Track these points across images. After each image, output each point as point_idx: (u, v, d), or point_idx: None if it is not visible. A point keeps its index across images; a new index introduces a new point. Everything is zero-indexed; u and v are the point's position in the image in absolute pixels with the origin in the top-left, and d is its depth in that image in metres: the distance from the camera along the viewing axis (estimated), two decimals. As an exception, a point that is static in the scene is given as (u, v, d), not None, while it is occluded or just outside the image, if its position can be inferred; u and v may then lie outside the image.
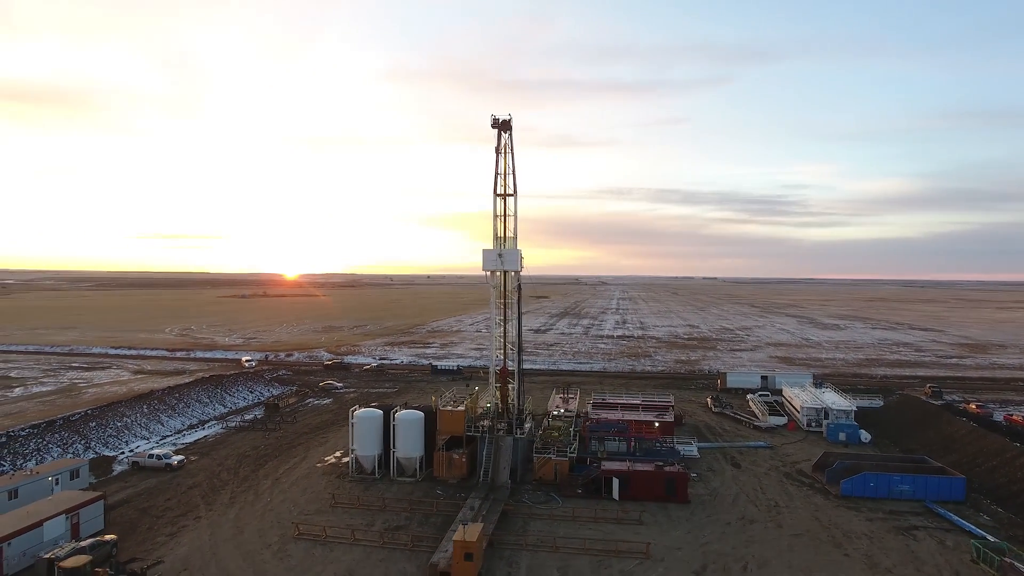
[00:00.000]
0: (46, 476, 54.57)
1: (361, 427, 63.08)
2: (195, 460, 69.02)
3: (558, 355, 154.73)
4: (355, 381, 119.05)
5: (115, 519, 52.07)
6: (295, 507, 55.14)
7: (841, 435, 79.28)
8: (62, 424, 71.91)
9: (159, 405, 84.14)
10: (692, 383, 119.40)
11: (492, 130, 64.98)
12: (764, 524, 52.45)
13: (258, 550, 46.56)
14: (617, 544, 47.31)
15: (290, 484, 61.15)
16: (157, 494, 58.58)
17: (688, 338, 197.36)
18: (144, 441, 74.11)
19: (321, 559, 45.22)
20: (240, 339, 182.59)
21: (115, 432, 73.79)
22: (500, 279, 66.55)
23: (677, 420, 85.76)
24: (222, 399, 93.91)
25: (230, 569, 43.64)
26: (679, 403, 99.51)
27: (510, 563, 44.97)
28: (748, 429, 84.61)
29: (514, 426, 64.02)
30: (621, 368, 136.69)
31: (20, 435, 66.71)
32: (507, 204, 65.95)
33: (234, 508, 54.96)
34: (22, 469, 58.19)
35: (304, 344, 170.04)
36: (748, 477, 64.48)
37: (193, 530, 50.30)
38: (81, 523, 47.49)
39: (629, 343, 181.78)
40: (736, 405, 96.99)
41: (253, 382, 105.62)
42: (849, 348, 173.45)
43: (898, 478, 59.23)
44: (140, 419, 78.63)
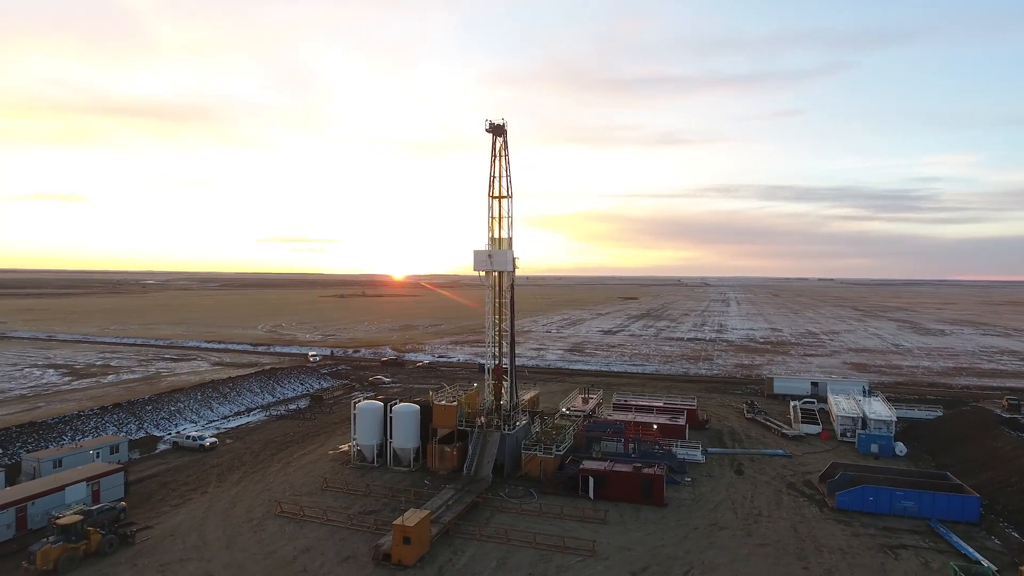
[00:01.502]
0: (88, 450, 62.92)
1: (362, 418, 67.25)
2: (229, 443, 76.26)
3: (615, 357, 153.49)
4: (405, 377, 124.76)
5: (138, 490, 59.20)
6: (290, 488, 60.00)
7: (873, 446, 74.28)
8: (124, 407, 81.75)
9: (212, 393, 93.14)
10: (740, 388, 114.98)
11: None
12: (733, 532, 51.01)
13: (239, 524, 51.48)
14: (566, 540, 48.04)
15: (296, 468, 66.36)
16: (183, 471, 65.64)
17: (763, 342, 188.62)
18: (192, 424, 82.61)
19: (289, 535, 49.35)
20: (320, 335, 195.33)
21: (167, 415, 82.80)
22: (495, 279, 68.36)
23: (701, 424, 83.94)
24: (273, 390, 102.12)
25: (208, 538, 48.72)
26: (717, 407, 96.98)
27: (456, 551, 46.96)
28: (776, 436, 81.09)
29: (502, 422, 65.72)
30: (674, 371, 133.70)
31: (85, 415, 76.74)
32: (502, 206, 67.79)
33: (239, 486, 60.68)
34: (72, 443, 67.14)
35: (374, 341, 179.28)
36: (745, 485, 62.37)
37: (195, 503, 56.24)
38: (102, 490, 54.52)
39: (695, 346, 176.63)
40: (775, 412, 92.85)
41: (307, 375, 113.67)
42: (941, 355, 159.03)
43: (901, 493, 55.26)
44: (192, 405, 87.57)
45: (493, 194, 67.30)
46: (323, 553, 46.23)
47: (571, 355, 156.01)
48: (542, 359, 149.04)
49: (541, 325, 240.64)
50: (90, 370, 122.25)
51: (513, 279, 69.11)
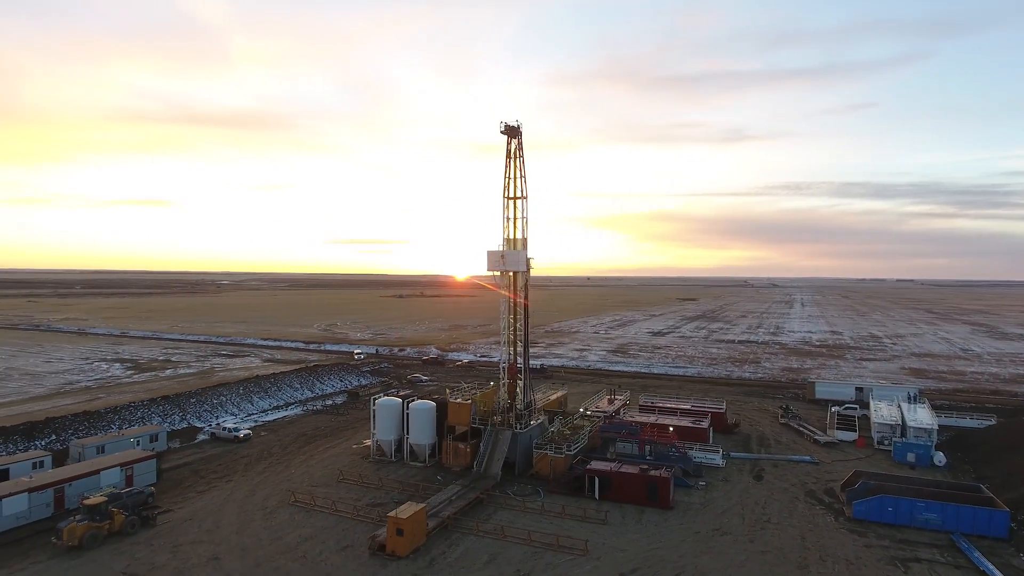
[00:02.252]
0: (129, 438, 67.56)
1: (381, 414, 69.35)
2: (263, 435, 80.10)
3: (658, 358, 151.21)
4: (443, 376, 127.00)
5: (171, 476, 63.19)
6: (308, 479, 62.62)
7: (910, 455, 70.72)
8: (171, 399, 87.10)
9: (254, 388, 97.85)
10: (782, 392, 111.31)
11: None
12: (736, 537, 49.93)
13: (254, 511, 54.25)
14: (560, 539, 48.29)
15: (319, 460, 69.10)
16: (215, 460, 69.52)
17: (819, 345, 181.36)
18: (232, 417, 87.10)
19: (298, 523, 51.64)
20: (371, 334, 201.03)
21: (210, 408, 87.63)
22: (509, 279, 69.05)
23: (729, 428, 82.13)
24: (312, 385, 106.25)
25: (222, 523, 51.62)
26: (753, 411, 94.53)
27: (452, 544, 48.01)
28: (808, 442, 78.33)
29: (514, 421, 66.37)
30: (716, 374, 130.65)
31: (134, 406, 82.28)
32: (517, 207, 68.45)
33: (262, 476, 63.80)
34: (115, 431, 72.12)
35: (421, 340, 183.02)
36: (761, 491, 60.74)
37: (219, 490, 59.58)
38: (135, 475, 58.51)
39: (745, 348, 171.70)
40: (814, 417, 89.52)
41: (347, 372, 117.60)
42: (1014, 362, 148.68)
43: (922, 504, 52.64)
44: (234, 398, 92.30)
45: (508, 195, 68.04)
46: (324, 541, 48.21)
47: (613, 356, 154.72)
48: (583, 360, 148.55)
49: (591, 326, 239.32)
50: (151, 364, 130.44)
51: (527, 279, 69.59)
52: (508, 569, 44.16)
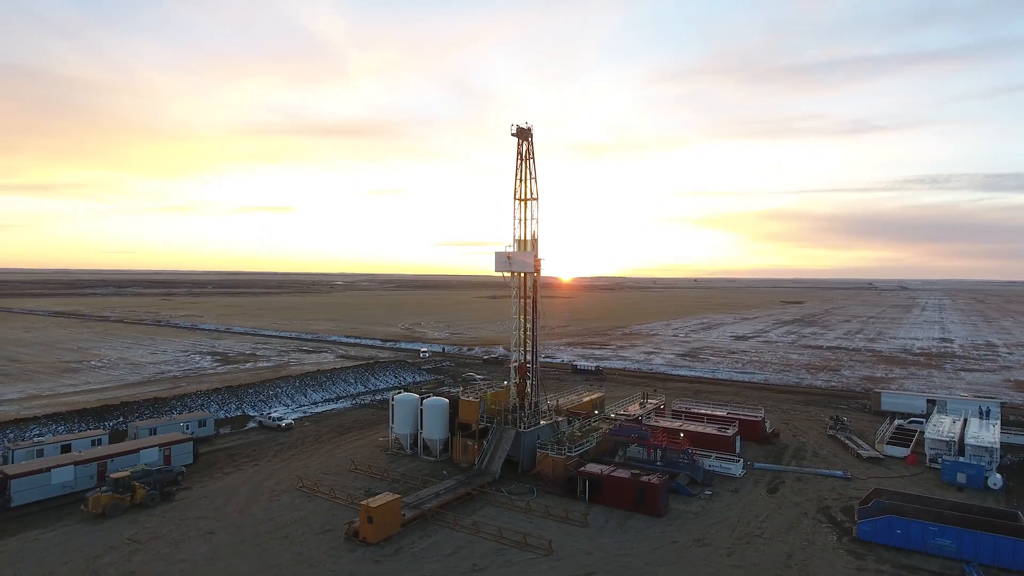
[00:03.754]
0: (179, 422, 74.99)
1: (399, 409, 72.35)
2: (306, 425, 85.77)
3: (728, 363, 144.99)
4: (500, 375, 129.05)
5: (208, 458, 69.47)
6: (324, 467, 66.68)
7: (960, 476, 64.11)
8: (233, 390, 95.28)
9: (310, 381, 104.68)
10: (847, 402, 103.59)
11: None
12: (714, 550, 47.93)
13: (262, 493, 58.72)
14: (527, 537, 48.61)
15: (344, 450, 73.17)
16: (254, 445, 75.53)
17: (919, 353, 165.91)
18: (285, 407, 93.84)
19: (295, 507, 55.34)
20: (448, 334, 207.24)
21: (265, 398, 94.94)
22: (519, 280, 69.76)
23: (765, 437, 78.26)
24: (367, 381, 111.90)
25: (230, 502, 56.37)
26: (803, 421, 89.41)
27: (425, 535, 49.66)
28: (851, 456, 72.89)
29: (519, 420, 66.97)
30: (784, 381, 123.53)
31: (197, 395, 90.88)
32: (528, 208, 69.07)
33: (286, 462, 68.66)
34: (168, 416, 79.98)
35: (494, 340, 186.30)
36: (769, 504, 57.61)
37: (243, 473, 64.89)
38: (172, 455, 65.03)
39: (830, 355, 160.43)
40: (873, 431, 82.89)
41: (403, 370, 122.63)
42: None
43: (935, 528, 47.92)
44: (289, 390, 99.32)
45: (519, 197, 68.88)
46: (310, 524, 51.48)
47: (680, 360, 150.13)
48: (647, 363, 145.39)
49: (673, 329, 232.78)
50: (237, 358, 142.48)
51: (536, 280, 69.99)
52: (466, 563, 45.20)
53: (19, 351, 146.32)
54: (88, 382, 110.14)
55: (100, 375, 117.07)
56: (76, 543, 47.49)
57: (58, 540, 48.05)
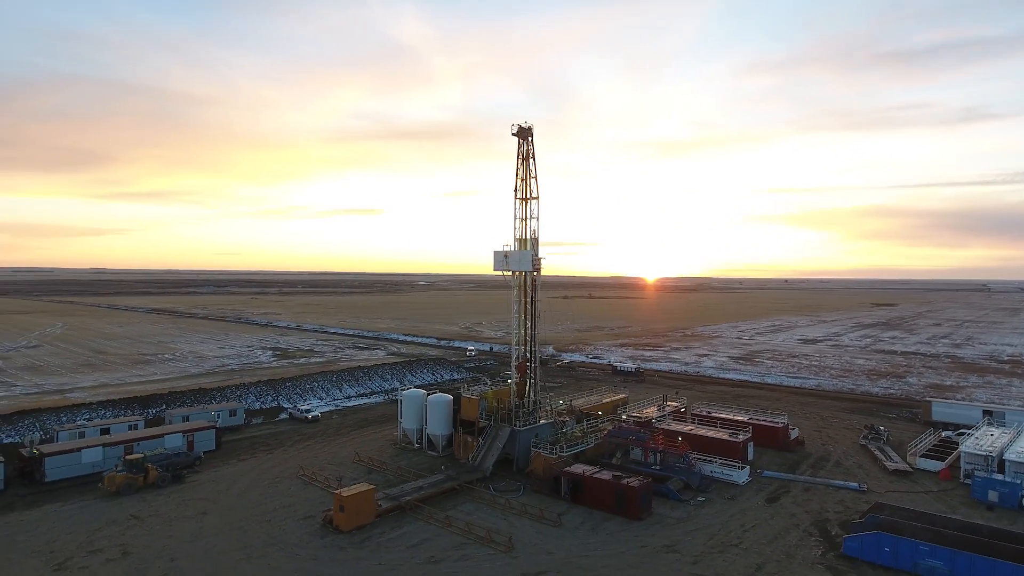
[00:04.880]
0: (210, 411, 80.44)
1: (407, 404, 74.38)
2: (334, 418, 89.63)
3: (782, 368, 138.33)
4: (541, 374, 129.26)
5: (231, 445, 74.11)
6: (330, 458, 69.60)
7: (992, 494, 58.71)
8: (272, 383, 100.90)
9: (347, 377, 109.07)
10: (900, 411, 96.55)
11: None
12: (680, 557, 46.53)
13: (264, 480, 62.12)
14: (492, 533, 49.01)
15: (358, 442, 75.99)
16: (277, 435, 79.84)
17: (1005, 361, 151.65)
18: (319, 400, 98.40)
19: (288, 493, 58.19)
20: (504, 332, 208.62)
21: (301, 392, 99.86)
22: (520, 279, 70.01)
23: (788, 445, 74.77)
24: (403, 377, 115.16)
25: (232, 487, 60.07)
26: (841, 430, 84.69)
27: (397, 526, 51.06)
28: (877, 468, 68.28)
29: (514, 418, 67.22)
30: (835, 387, 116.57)
31: (237, 386, 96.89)
32: (528, 207, 69.24)
33: (298, 452, 72.18)
34: (202, 405, 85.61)
35: (547, 340, 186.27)
36: (762, 514, 55.09)
37: (255, 460, 68.87)
38: (195, 441, 69.91)
39: (902, 361, 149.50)
40: (909, 442, 77.18)
41: (441, 367, 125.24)
42: None
43: (926, 548, 44.37)
44: (325, 384, 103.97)
45: (519, 196, 69.21)
46: (295, 511, 54.11)
47: (733, 363, 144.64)
48: (696, 365, 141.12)
49: (739, 331, 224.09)
50: (295, 353, 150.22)
51: (535, 279, 70.00)
52: (424, 555, 46.23)
53: (107, 344, 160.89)
54: (155, 373, 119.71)
55: (168, 367, 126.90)
56: (86, 517, 52.31)
57: (72, 513, 53.10)
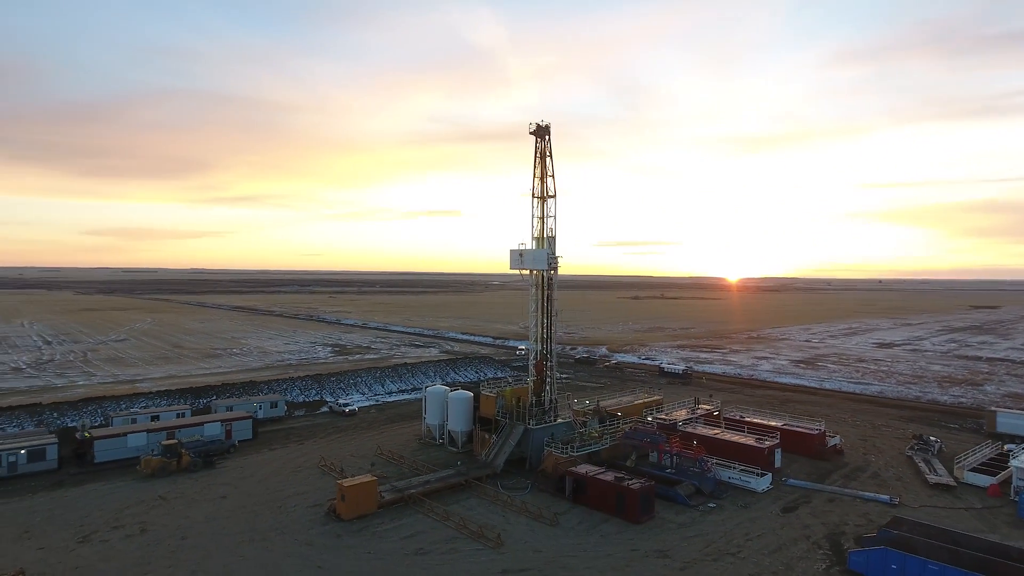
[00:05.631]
0: (252, 402, 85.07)
1: (430, 401, 75.95)
2: (371, 412, 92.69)
3: (844, 373, 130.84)
4: (583, 374, 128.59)
5: (267, 435, 78.13)
6: (354, 450, 72.05)
7: (1041, 513, 53.69)
8: (316, 377, 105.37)
9: (390, 373, 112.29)
10: (964, 421, 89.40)
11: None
12: (670, 563, 45.30)
13: (287, 469, 65.17)
14: (484, 529, 49.43)
15: (385, 437, 78.22)
16: (313, 427, 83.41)
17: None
18: (361, 395, 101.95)
19: (305, 483, 60.75)
20: (563, 333, 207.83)
21: (344, 387, 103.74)
22: (537, 278, 69.93)
23: (825, 453, 71.21)
24: (446, 374, 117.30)
25: (256, 474, 63.41)
26: (892, 439, 79.61)
27: (396, 517, 52.40)
28: (918, 481, 63.76)
29: (527, 416, 67.22)
30: (898, 394, 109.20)
31: (283, 380, 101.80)
32: (545, 206, 69.12)
33: (326, 443, 75.17)
34: (245, 397, 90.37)
35: (603, 340, 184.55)
36: (771, 523, 52.73)
37: (285, 450, 72.32)
38: (233, 430, 74.24)
39: (985, 368, 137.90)
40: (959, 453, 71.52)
41: (485, 365, 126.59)
42: None
43: (936, 568, 41.23)
44: (368, 380, 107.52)
45: (536, 194, 69.23)
46: (306, 498, 56.56)
47: (792, 367, 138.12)
48: (752, 368, 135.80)
49: (810, 333, 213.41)
50: (352, 350, 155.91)
51: (551, 278, 69.72)
52: (413, 546, 47.23)
53: (184, 339, 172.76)
54: (219, 366, 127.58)
55: (232, 361, 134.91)
56: (120, 496, 56.80)
57: (108, 492, 57.79)
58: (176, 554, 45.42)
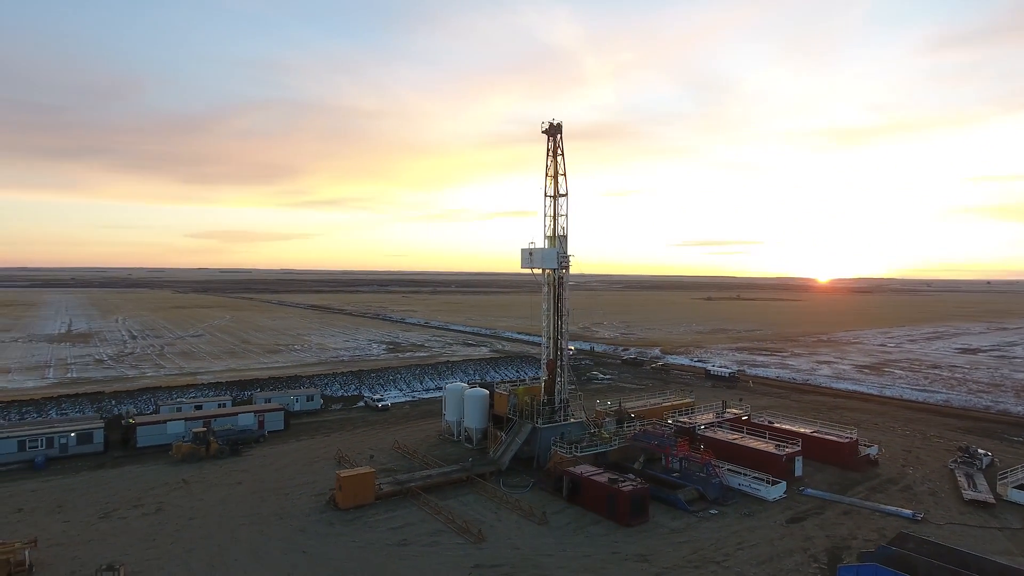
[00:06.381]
0: (289, 395, 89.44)
1: (449, 398, 77.30)
2: (405, 408, 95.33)
3: (912, 380, 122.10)
4: (628, 376, 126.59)
5: (299, 426, 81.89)
6: (374, 443, 74.35)
7: (1084, 538, 48.57)
8: (356, 373, 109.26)
9: (430, 370, 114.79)
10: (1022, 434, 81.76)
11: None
12: (649, 567, 44.34)
13: (306, 459, 68.21)
14: (469, 524, 50.04)
15: (408, 432, 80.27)
16: (344, 421, 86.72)
17: None
18: (399, 391, 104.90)
19: (321, 472, 63.40)
20: (617, 333, 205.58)
21: (383, 383, 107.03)
22: (550, 277, 69.72)
23: (858, 463, 67.37)
24: (486, 373, 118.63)
25: (276, 462, 66.75)
26: (941, 451, 73.91)
27: (392, 509, 53.88)
28: (954, 497, 59.07)
29: (535, 415, 67.13)
30: (967, 403, 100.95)
31: (323, 375, 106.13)
32: (557, 204, 68.89)
33: (351, 436, 78.02)
34: (285, 390, 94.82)
35: (659, 341, 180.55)
36: (770, 534, 50.47)
37: (310, 441, 75.64)
38: (265, 421, 78.39)
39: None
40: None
41: (527, 364, 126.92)
42: None
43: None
44: (406, 376, 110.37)
45: (548, 193, 69.13)
46: (313, 487, 59.05)
47: (853, 372, 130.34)
48: (809, 373, 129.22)
49: (887, 337, 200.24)
50: (406, 347, 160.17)
51: (562, 277, 69.29)
52: (397, 537, 48.49)
53: (253, 335, 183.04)
54: (277, 361, 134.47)
55: (290, 356, 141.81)
56: (149, 478, 61.44)
57: (141, 474, 62.60)
58: (180, 532, 48.79)
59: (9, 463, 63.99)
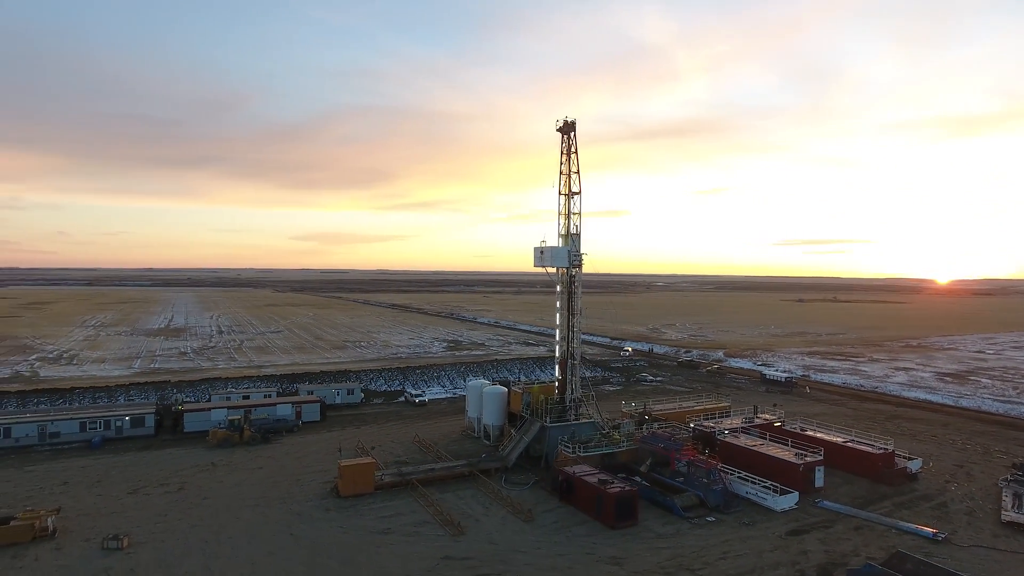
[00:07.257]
0: (332, 388, 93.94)
1: (470, 395, 78.64)
2: (441, 403, 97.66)
3: (999, 389, 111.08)
4: (680, 378, 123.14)
5: (335, 417, 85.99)
6: (397, 436, 76.85)
7: None
8: (400, 370, 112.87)
9: (475, 367, 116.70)
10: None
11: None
12: (616, 570, 43.56)
13: (328, 448, 71.31)
14: (453, 516, 50.99)
15: (433, 427, 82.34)
16: (380, 415, 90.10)
17: None
18: (441, 388, 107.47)
19: (329, 460, 66.54)
20: (685, 335, 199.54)
21: (426, 379, 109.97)
22: (563, 276, 69.36)
23: (887, 476, 62.80)
24: (531, 372, 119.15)
25: (299, 451, 70.49)
26: (1000, 468, 67.46)
27: (390, 498, 55.80)
28: (992, 517, 53.75)
29: (544, 414, 66.94)
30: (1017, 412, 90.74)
31: (370, 371, 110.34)
32: (571, 202, 68.50)
33: (379, 429, 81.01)
34: (327, 384, 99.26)
35: (727, 344, 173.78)
36: (763, 544, 47.99)
37: (340, 432, 79.20)
38: (303, 413, 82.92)
39: None
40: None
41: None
42: None
43: (904, 610, 35.35)
44: (449, 373, 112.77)
45: (562, 191, 68.91)
46: (324, 475, 61.87)
47: (931, 380, 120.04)
48: (880, 380, 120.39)
49: (990, 343, 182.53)
50: (466, 346, 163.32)
51: (574, 276, 68.68)
52: (383, 525, 50.22)
53: (327, 332, 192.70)
54: (339, 357, 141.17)
55: (354, 353, 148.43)
56: (183, 459, 66.82)
57: (178, 456, 68.16)
58: (191, 510, 52.91)
59: (72, 442, 71.59)
